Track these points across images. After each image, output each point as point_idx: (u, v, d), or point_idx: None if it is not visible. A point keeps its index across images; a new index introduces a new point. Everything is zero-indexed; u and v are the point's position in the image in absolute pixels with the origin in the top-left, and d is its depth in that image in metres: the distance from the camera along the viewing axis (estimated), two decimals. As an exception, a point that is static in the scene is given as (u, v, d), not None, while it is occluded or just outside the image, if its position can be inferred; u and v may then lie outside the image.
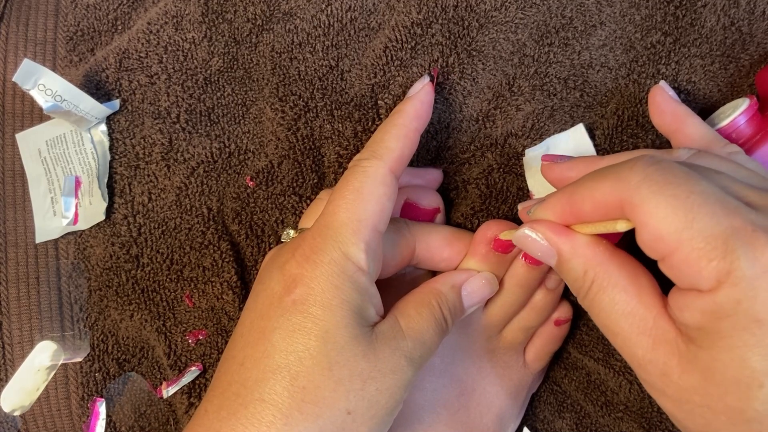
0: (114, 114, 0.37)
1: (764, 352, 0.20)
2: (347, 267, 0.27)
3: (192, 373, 0.36)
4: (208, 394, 0.27)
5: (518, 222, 0.36)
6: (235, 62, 0.37)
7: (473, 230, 0.33)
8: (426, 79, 0.32)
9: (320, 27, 0.36)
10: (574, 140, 0.35)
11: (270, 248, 0.37)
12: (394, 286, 0.34)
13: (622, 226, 0.24)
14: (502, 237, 0.31)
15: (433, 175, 0.36)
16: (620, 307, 0.25)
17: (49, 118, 0.38)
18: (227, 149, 0.37)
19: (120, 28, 0.39)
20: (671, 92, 0.32)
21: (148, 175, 0.37)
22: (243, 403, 0.25)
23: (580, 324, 0.37)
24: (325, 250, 0.27)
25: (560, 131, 0.36)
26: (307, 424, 0.24)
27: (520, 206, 0.32)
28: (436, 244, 0.32)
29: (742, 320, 0.20)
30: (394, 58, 0.35)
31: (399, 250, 0.31)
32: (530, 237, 0.27)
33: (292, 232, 0.32)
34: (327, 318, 0.26)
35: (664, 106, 0.31)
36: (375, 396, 0.26)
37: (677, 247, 0.22)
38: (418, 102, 0.31)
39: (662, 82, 0.33)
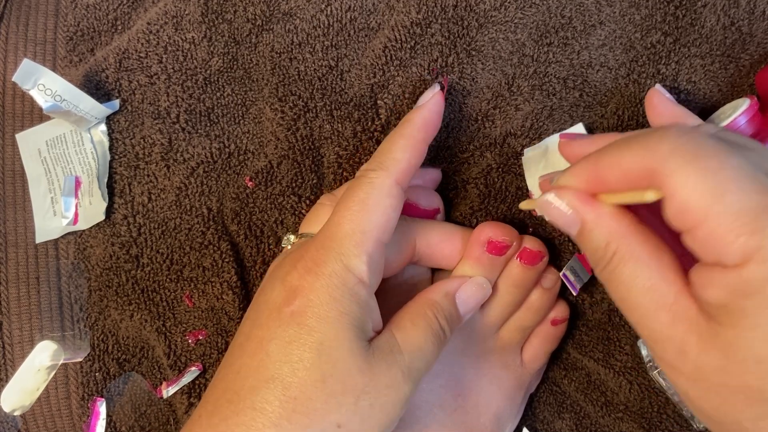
0: (114, 114, 0.37)
1: None
2: (348, 279, 0.27)
3: (192, 373, 0.36)
4: (204, 399, 0.28)
5: (516, 223, 0.36)
6: (234, 62, 0.37)
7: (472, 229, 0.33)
8: (436, 88, 0.32)
9: (320, 27, 0.36)
10: (574, 140, 0.35)
11: (269, 249, 0.37)
12: (395, 292, 0.34)
13: (650, 196, 0.23)
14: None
15: (432, 175, 0.36)
16: (641, 281, 0.24)
17: (49, 118, 0.38)
18: (227, 149, 0.37)
19: (120, 28, 0.39)
20: (667, 95, 0.32)
21: (148, 175, 0.37)
22: (235, 411, 0.25)
23: (579, 324, 0.37)
24: (327, 262, 0.27)
25: (559, 131, 0.35)
26: None
27: (540, 178, 0.31)
28: (436, 240, 0.32)
29: None
30: (394, 58, 0.35)
31: (400, 247, 0.31)
32: (554, 204, 0.27)
33: (292, 238, 0.32)
34: (323, 330, 0.26)
35: (662, 107, 0.31)
36: (368, 411, 0.26)
37: (705, 220, 0.21)
38: (428, 112, 0.31)
39: (657, 86, 0.32)
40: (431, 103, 0.31)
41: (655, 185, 0.23)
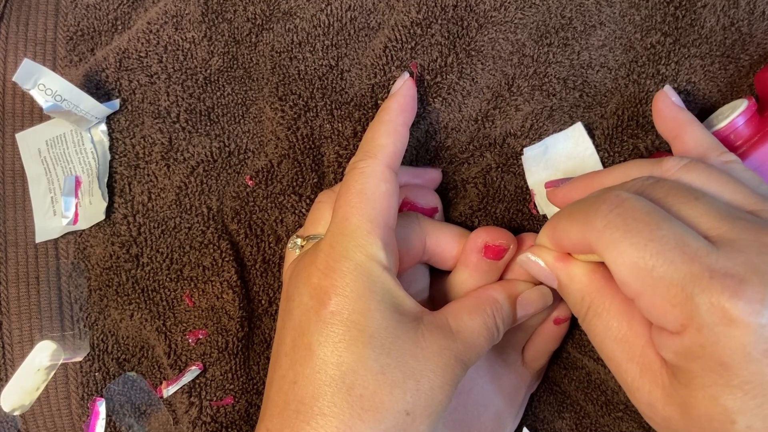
0: (114, 114, 0.37)
1: (733, 392, 0.21)
2: (373, 268, 0.27)
3: (192, 372, 0.36)
4: (266, 414, 0.27)
5: (513, 224, 0.36)
6: (235, 62, 0.37)
7: (472, 229, 0.34)
8: (406, 75, 0.34)
9: (320, 26, 0.36)
10: (573, 139, 0.35)
11: (269, 247, 0.37)
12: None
13: None
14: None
15: (432, 175, 0.36)
16: (612, 333, 0.26)
17: (49, 118, 0.38)
18: (227, 148, 0.37)
19: (120, 28, 0.39)
20: (675, 97, 0.32)
21: (148, 175, 0.37)
22: (305, 419, 0.25)
23: (579, 324, 0.37)
24: (348, 256, 0.27)
25: (559, 131, 0.36)
26: None
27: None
28: (446, 239, 0.32)
29: (709, 362, 0.21)
30: (394, 58, 0.35)
31: (411, 243, 0.31)
32: (532, 260, 0.29)
33: (299, 240, 0.32)
34: (368, 323, 0.26)
35: (666, 112, 0.32)
36: (430, 394, 0.26)
37: (641, 293, 0.23)
38: (401, 96, 0.32)
39: (667, 87, 0.33)
40: (404, 88, 0.33)
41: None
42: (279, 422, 0.26)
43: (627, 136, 0.35)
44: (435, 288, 0.34)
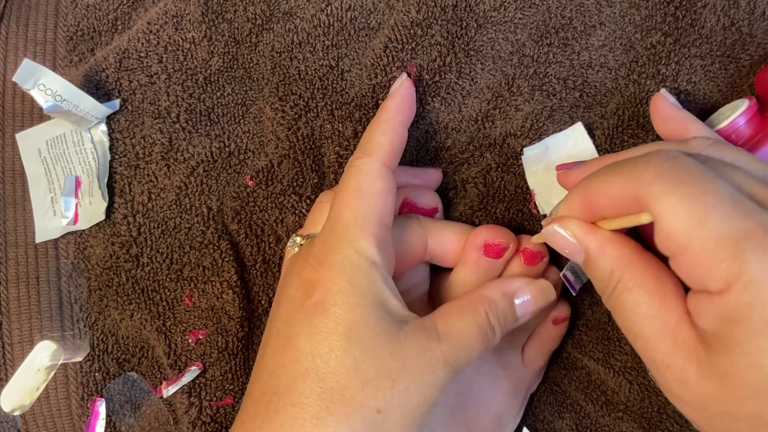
0: (114, 114, 0.37)
1: None
2: (361, 263, 0.27)
3: (192, 372, 0.36)
4: (243, 405, 0.28)
5: (513, 224, 0.36)
6: (235, 62, 0.37)
7: (472, 230, 0.34)
8: (404, 76, 0.34)
9: (320, 27, 0.36)
10: (573, 139, 0.35)
11: (270, 248, 0.37)
12: None
13: (646, 218, 0.23)
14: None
15: (432, 176, 0.36)
16: (643, 309, 0.24)
17: (49, 118, 0.38)
18: (227, 149, 0.37)
19: (120, 28, 0.39)
20: (672, 99, 0.32)
21: (148, 175, 0.37)
22: (275, 410, 0.25)
23: (579, 324, 0.37)
24: (337, 250, 0.27)
25: (559, 131, 0.36)
26: (338, 426, 0.24)
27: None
28: (448, 239, 0.32)
29: (756, 324, 0.20)
30: (395, 58, 0.35)
31: (411, 244, 0.31)
32: (559, 234, 0.27)
33: (298, 239, 0.32)
34: (348, 317, 0.26)
35: (666, 111, 0.31)
36: (405, 395, 0.25)
37: (688, 246, 0.22)
38: (399, 97, 0.33)
39: (663, 90, 0.33)
40: (402, 88, 0.33)
41: (642, 210, 0.23)
42: (252, 413, 0.26)
43: (627, 136, 0.35)
44: (435, 286, 0.34)
